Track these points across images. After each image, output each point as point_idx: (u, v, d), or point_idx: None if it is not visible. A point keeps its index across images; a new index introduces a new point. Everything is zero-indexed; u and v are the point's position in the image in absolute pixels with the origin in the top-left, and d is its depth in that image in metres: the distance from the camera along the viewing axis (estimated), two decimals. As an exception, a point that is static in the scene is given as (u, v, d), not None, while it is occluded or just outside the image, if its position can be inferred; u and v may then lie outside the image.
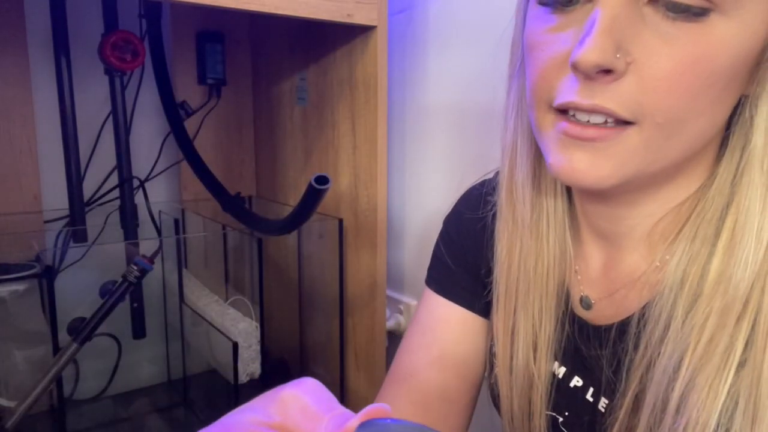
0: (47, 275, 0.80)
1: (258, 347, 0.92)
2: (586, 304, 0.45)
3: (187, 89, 1.11)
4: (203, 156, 1.05)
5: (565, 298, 0.47)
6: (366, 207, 0.91)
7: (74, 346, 0.74)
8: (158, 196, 1.10)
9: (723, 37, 0.32)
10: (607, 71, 0.34)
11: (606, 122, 0.35)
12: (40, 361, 0.80)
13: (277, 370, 1.07)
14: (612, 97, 0.34)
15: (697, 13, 0.32)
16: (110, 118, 0.98)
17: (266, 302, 0.94)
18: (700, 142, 0.36)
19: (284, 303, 1.11)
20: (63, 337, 0.79)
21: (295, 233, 1.02)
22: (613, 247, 0.44)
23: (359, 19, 0.81)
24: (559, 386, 0.47)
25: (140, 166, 1.05)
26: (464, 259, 0.55)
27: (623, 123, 0.35)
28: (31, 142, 0.96)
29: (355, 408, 0.28)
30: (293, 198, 1.09)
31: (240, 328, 0.92)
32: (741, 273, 0.34)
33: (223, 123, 1.16)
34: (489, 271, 0.51)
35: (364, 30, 0.85)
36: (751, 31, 0.33)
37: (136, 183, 1.01)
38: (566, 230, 0.46)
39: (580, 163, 0.36)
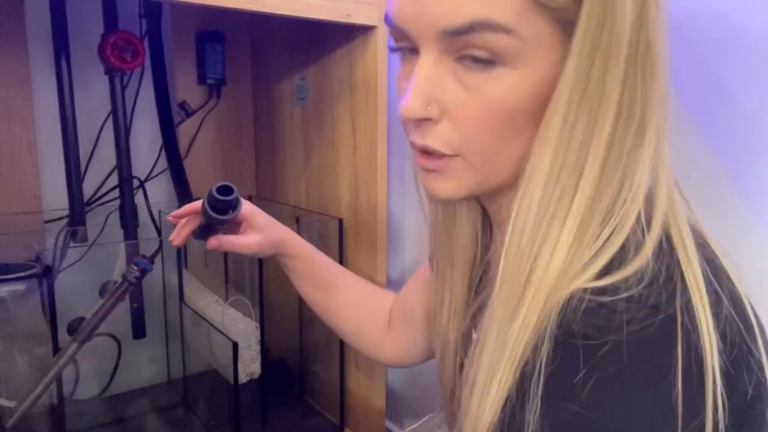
0: (47, 275, 0.80)
1: (258, 347, 0.92)
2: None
3: (187, 89, 1.11)
4: (203, 156, 1.05)
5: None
6: (366, 207, 0.91)
7: (74, 346, 0.74)
8: (158, 196, 1.10)
9: (511, 85, 0.40)
10: (426, 119, 0.43)
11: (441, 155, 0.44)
12: (40, 361, 0.80)
13: (277, 370, 1.07)
14: (435, 139, 0.44)
15: (486, 63, 0.40)
16: (110, 118, 0.98)
17: (266, 302, 0.94)
18: (520, 159, 0.44)
19: (284, 303, 1.11)
20: (63, 337, 0.79)
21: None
22: (502, 232, 0.53)
23: (359, 19, 0.81)
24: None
25: (140, 166, 1.05)
26: None
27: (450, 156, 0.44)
28: (31, 142, 0.96)
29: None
30: (293, 198, 1.09)
31: (240, 328, 0.92)
32: (523, 245, 0.42)
33: (223, 123, 1.16)
34: None
35: (364, 30, 0.85)
36: (535, 78, 0.40)
37: (136, 183, 1.01)
38: (477, 218, 0.56)
39: (433, 184, 0.46)
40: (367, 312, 0.78)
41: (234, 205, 0.67)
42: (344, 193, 0.95)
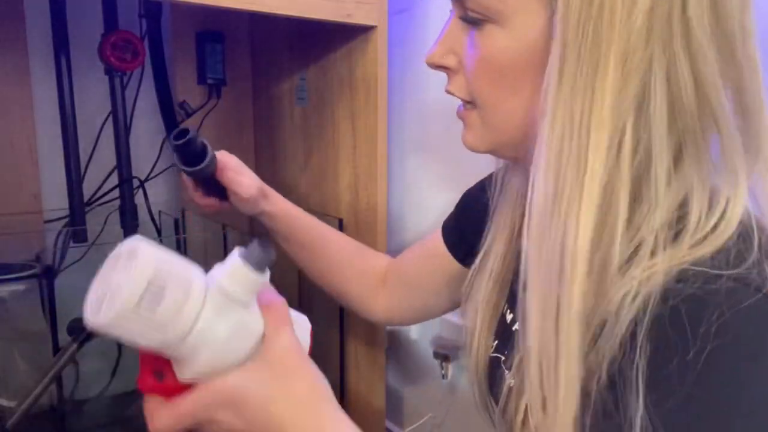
0: (47, 275, 0.80)
1: (258, 347, 0.92)
2: None
3: (187, 89, 1.11)
4: (203, 156, 1.04)
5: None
6: (366, 207, 0.91)
7: (74, 346, 0.74)
8: (158, 196, 1.10)
9: (498, 41, 0.44)
10: (446, 68, 0.49)
11: (466, 106, 0.49)
12: (40, 361, 0.80)
13: (277, 370, 1.07)
14: (453, 85, 0.50)
15: (477, 21, 0.44)
16: (110, 118, 0.98)
17: (266, 302, 0.94)
18: (524, 118, 0.45)
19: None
20: (63, 337, 0.79)
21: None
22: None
23: (359, 19, 0.81)
24: (506, 330, 0.56)
25: (140, 166, 1.05)
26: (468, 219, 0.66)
27: (471, 106, 0.49)
28: (31, 142, 0.96)
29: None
30: (293, 198, 1.09)
31: (240, 328, 0.92)
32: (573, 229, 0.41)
33: (223, 123, 1.16)
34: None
35: (364, 30, 0.85)
36: (526, 39, 0.42)
37: (136, 183, 1.01)
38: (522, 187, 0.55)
39: (463, 133, 0.51)
40: (353, 274, 0.79)
41: (199, 153, 0.67)
42: (344, 193, 0.95)
